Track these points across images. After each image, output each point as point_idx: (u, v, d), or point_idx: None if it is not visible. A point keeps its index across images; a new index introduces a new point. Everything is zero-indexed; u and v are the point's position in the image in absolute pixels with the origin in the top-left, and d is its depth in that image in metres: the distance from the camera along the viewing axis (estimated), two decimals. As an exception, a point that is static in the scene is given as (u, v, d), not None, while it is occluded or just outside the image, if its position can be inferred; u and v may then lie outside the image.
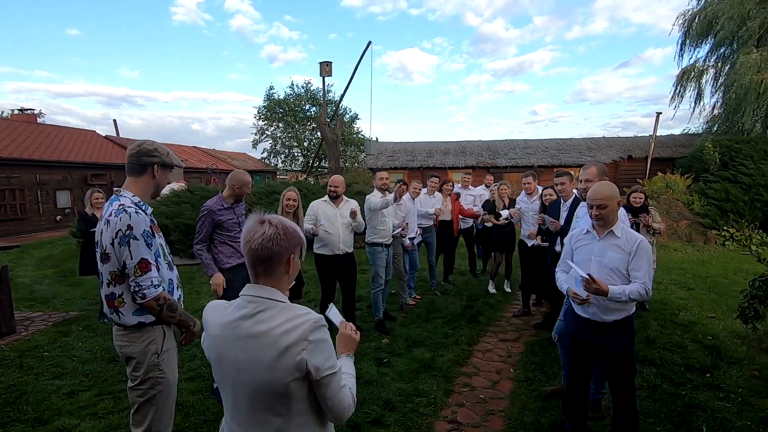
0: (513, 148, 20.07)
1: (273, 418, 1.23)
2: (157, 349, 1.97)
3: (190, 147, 27.23)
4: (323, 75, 13.11)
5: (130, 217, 1.85)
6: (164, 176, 2.09)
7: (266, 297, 1.25)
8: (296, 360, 1.18)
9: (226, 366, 1.25)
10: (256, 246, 1.24)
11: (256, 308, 1.24)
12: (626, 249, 2.36)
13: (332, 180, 4.43)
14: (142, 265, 1.86)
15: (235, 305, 1.28)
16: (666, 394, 3.22)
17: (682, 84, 15.81)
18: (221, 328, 1.26)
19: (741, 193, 10.93)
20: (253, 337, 1.21)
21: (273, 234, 1.25)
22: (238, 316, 1.24)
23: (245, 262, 1.28)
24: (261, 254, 1.24)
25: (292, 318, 1.22)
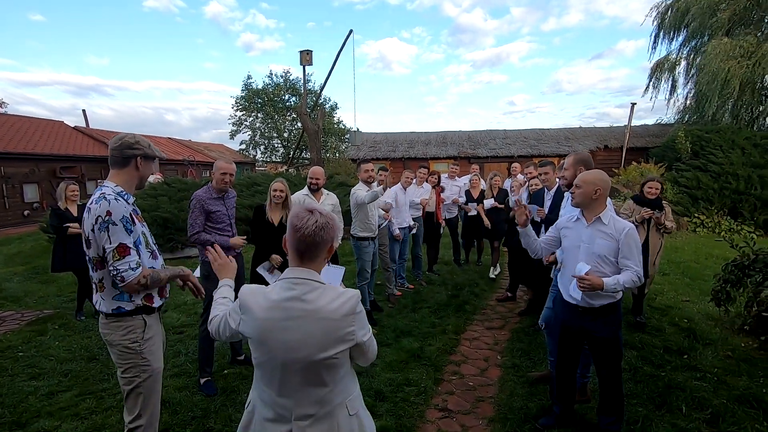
0: (493, 138, 20.24)
1: (320, 389, 1.38)
2: (137, 338, 2.01)
3: (164, 138, 26.42)
4: (303, 64, 12.88)
5: (109, 203, 1.89)
6: (147, 168, 2.12)
7: (311, 279, 1.38)
8: (347, 331, 1.36)
9: (274, 346, 1.34)
10: (309, 232, 1.35)
11: (305, 290, 1.36)
12: (614, 237, 2.40)
13: (312, 171, 4.35)
14: (120, 249, 1.89)
15: (279, 287, 1.38)
16: (647, 376, 3.33)
17: (656, 75, 16.24)
18: (268, 311, 1.35)
19: (711, 182, 11.34)
20: (305, 317, 1.34)
21: (324, 223, 1.38)
22: (286, 297, 1.35)
23: (292, 245, 1.39)
24: (313, 240, 1.36)
25: (336, 296, 1.37)
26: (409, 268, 6.32)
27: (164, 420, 2.89)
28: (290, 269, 1.40)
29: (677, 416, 2.83)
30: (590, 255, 2.46)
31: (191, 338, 4.18)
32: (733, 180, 11.16)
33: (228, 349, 3.78)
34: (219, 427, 2.80)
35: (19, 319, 4.93)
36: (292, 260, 1.41)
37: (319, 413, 1.39)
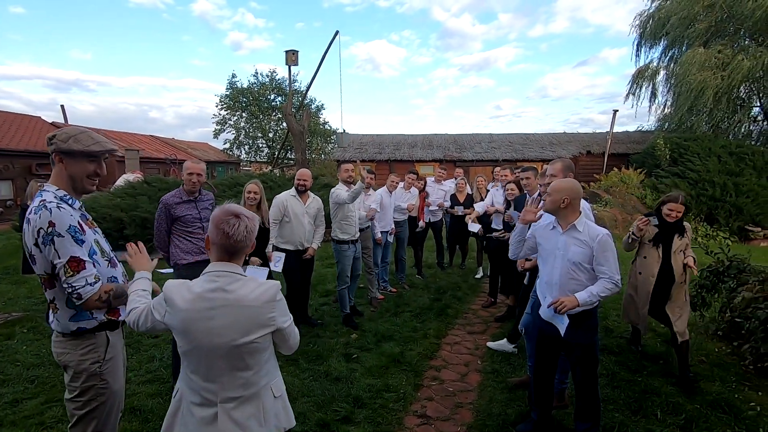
0: (479, 142, 20.40)
1: (244, 372, 1.49)
2: (98, 357, 1.79)
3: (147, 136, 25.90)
4: (289, 64, 12.77)
5: (50, 212, 1.64)
6: (74, 165, 1.77)
7: (233, 272, 1.50)
8: (267, 317, 1.49)
9: (198, 334, 1.44)
10: (241, 238, 1.48)
11: (227, 281, 1.47)
12: (588, 244, 2.42)
13: (300, 173, 4.30)
14: (72, 264, 1.65)
15: (202, 281, 1.48)
16: (624, 381, 3.36)
17: (637, 83, 16.61)
18: (191, 302, 1.44)
19: (689, 188, 11.63)
20: (228, 305, 1.44)
21: (252, 227, 1.52)
22: (209, 288, 1.46)
23: (219, 246, 1.49)
24: (242, 245, 1.50)
25: (257, 286, 1.50)
26: (392, 271, 6.29)
27: (135, 428, 2.80)
28: (213, 264, 1.51)
29: (652, 421, 2.86)
30: (565, 262, 2.47)
31: (166, 343, 4.07)
32: (710, 187, 11.46)
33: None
34: (192, 436, 2.71)
35: (-14, 322, 4.74)
36: (217, 258, 1.52)
37: (245, 395, 1.50)
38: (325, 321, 4.66)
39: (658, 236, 3.49)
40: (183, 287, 1.48)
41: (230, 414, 1.48)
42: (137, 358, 3.79)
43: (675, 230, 3.46)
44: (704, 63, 12.98)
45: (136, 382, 3.37)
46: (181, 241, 3.21)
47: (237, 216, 1.48)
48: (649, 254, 3.49)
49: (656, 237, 3.50)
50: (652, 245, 3.51)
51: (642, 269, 3.55)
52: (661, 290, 3.44)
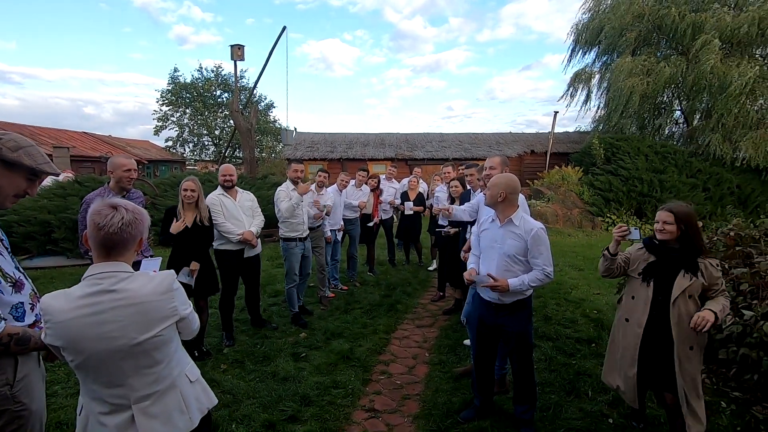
0: (430, 141, 20.80)
1: (154, 368, 1.43)
2: (7, 380, 1.57)
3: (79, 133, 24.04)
4: (234, 59, 12.37)
5: None
6: (8, 180, 1.56)
7: (119, 271, 1.39)
8: (169, 308, 1.43)
9: (89, 344, 1.33)
10: (115, 230, 1.35)
11: (113, 281, 1.36)
12: (523, 237, 2.53)
13: (224, 169, 4.10)
14: None
15: (82, 285, 1.37)
16: (560, 365, 3.58)
17: (574, 86, 17.66)
18: (74, 311, 1.32)
19: (621, 185, 12.53)
20: (119, 306, 1.35)
21: (131, 219, 1.38)
22: (92, 292, 1.34)
23: (96, 243, 1.36)
24: (120, 238, 1.37)
25: (149, 280, 1.42)
26: (344, 269, 6.28)
27: (60, 444, 2.61)
28: (94, 266, 1.39)
29: (584, 401, 3.07)
30: (501, 255, 2.58)
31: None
32: (639, 183, 12.42)
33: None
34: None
35: None
36: (97, 257, 1.39)
37: (160, 389, 1.45)
38: (274, 321, 4.57)
39: (652, 267, 2.44)
40: (60, 297, 1.35)
41: (148, 411, 1.42)
42: (64, 369, 3.52)
43: (678, 262, 2.35)
44: (632, 70, 14.04)
45: (64, 395, 3.13)
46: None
47: (114, 207, 1.37)
48: (638, 294, 2.47)
49: (648, 268, 2.46)
50: (641, 280, 2.47)
51: (629, 314, 2.51)
52: (655, 350, 2.40)
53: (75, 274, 6.78)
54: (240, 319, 4.58)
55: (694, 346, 2.33)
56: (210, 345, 3.92)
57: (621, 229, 2.46)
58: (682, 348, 2.31)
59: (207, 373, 3.44)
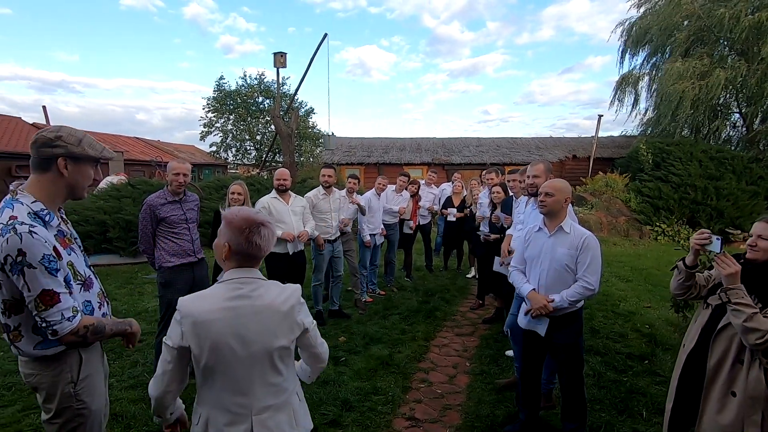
0: (467, 145, 20.54)
1: (276, 378, 1.47)
2: (72, 378, 1.61)
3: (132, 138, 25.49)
4: (277, 66, 12.72)
5: (20, 239, 1.41)
6: (79, 172, 1.61)
7: (257, 278, 1.47)
8: (295, 320, 1.48)
9: (228, 345, 1.37)
10: (269, 247, 1.48)
11: (252, 287, 1.44)
12: (574, 244, 2.43)
13: (278, 173, 4.26)
14: (45, 298, 1.46)
15: (225, 289, 1.42)
16: (610, 381, 3.40)
17: (621, 89, 16.92)
18: (217, 312, 1.37)
19: (671, 192, 11.85)
20: (257, 312, 1.41)
21: (274, 232, 1.51)
22: (235, 296, 1.41)
23: (244, 254, 1.43)
24: (267, 252, 1.48)
25: (281, 290, 1.49)
26: (381, 274, 6.28)
27: (116, 435, 2.73)
28: (234, 270, 1.46)
29: (638, 421, 2.89)
30: (552, 263, 2.48)
31: (150, 347, 3.98)
32: (692, 191, 11.70)
33: (189, 358, 3.62)
34: (175, 442, 2.66)
35: (-39, 328, 4.59)
36: (236, 264, 1.46)
37: (277, 403, 1.47)
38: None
39: (717, 288, 1.91)
40: (201, 300, 1.41)
41: (266, 423, 1.44)
42: (119, 364, 3.71)
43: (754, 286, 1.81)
44: (681, 74, 13.30)
45: (119, 388, 3.29)
46: (166, 243, 3.16)
47: (264, 225, 1.44)
48: (698, 316, 2.06)
49: (714, 288, 1.97)
50: (703, 301, 2.03)
51: (686, 339, 2.09)
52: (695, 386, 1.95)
53: (127, 271, 7.16)
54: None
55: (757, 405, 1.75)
56: (253, 345, 4.02)
57: (702, 236, 1.90)
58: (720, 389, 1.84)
59: (250, 373, 3.52)
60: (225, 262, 1.47)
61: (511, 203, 4.18)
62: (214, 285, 1.47)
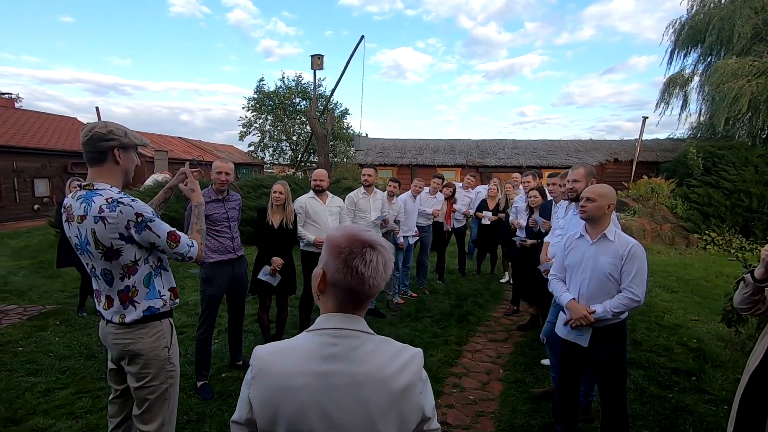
0: (502, 148, 20.17)
1: None
2: (167, 343, 1.91)
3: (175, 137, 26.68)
4: (314, 68, 12.95)
5: (132, 206, 1.73)
6: (129, 159, 1.86)
7: (360, 330, 0.99)
8: (413, 406, 0.97)
9: (312, 424, 0.93)
10: (379, 282, 0.98)
11: (352, 344, 0.97)
12: (619, 253, 2.33)
13: (316, 174, 4.33)
14: (172, 237, 1.84)
15: (314, 342, 0.97)
16: (653, 397, 3.24)
17: (669, 91, 16.13)
18: (301, 377, 0.94)
19: (723, 198, 11.16)
20: (357, 383, 0.94)
21: (389, 259, 1.01)
22: (326, 356, 0.95)
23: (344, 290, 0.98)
24: (377, 290, 1.00)
25: (395, 353, 0.98)
26: (413, 276, 6.26)
27: (159, 422, 2.86)
28: (329, 316, 1.00)
29: (684, 441, 2.74)
30: (595, 273, 2.39)
31: (190, 339, 4.15)
32: (746, 198, 10.97)
33: (227, 352, 3.74)
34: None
35: (21, 314, 4.95)
36: (335, 305, 1.00)
37: None
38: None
39: None
40: (283, 355, 0.98)
41: None
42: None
43: None
44: (737, 72, 12.51)
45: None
46: (208, 240, 3.27)
47: (372, 247, 0.98)
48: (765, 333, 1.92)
49: None
50: None
51: (751, 358, 1.93)
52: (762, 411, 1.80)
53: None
54: (313, 318, 4.73)
55: None
56: (287, 342, 4.09)
57: None
58: None
59: (284, 369, 3.60)
60: (320, 299, 1.04)
61: (550, 208, 4.06)
62: (302, 334, 1.02)
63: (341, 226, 1.06)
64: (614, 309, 2.29)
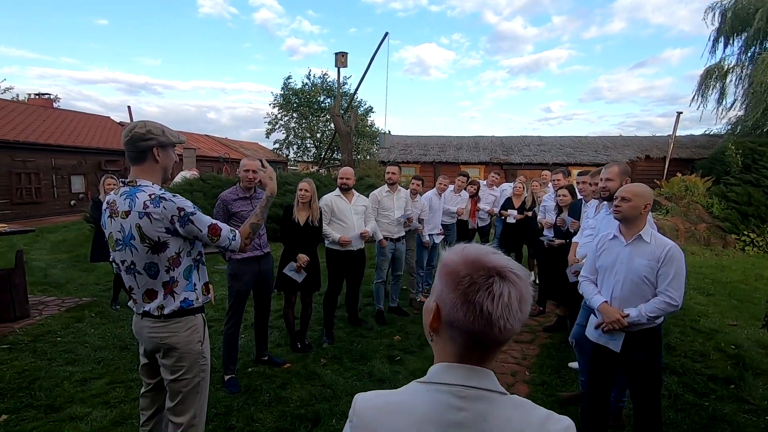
0: (527, 144, 19.79)
1: None
2: (200, 337, 1.97)
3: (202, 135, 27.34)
4: (338, 66, 13.00)
5: (174, 202, 1.81)
6: (167, 157, 1.93)
7: (489, 389, 0.76)
8: None
9: None
10: (512, 323, 0.73)
11: (481, 411, 0.74)
12: (655, 255, 2.23)
13: (343, 172, 4.34)
14: (213, 230, 1.90)
15: (433, 405, 0.75)
16: (689, 405, 3.11)
17: (706, 83, 15.41)
18: None
19: (764, 197, 10.64)
20: None
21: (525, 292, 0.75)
22: (450, 422, 0.73)
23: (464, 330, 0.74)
24: (510, 334, 0.74)
25: (540, 424, 0.75)
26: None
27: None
28: (448, 367, 0.77)
29: (723, 452, 2.62)
30: (628, 275, 2.30)
31: (218, 333, 4.23)
32: (789, 197, 10.42)
33: (253, 347, 3.81)
34: (241, 426, 2.81)
35: (60, 305, 5.17)
36: (453, 352, 0.77)
37: None
38: (368, 322, 4.68)
39: None
40: (393, 414, 0.76)
41: None
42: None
43: None
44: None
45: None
46: (235, 237, 3.33)
47: (502, 275, 0.73)
48: None
49: None
50: None
51: None
52: None
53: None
54: (336, 315, 4.76)
55: None
56: (311, 338, 4.13)
57: None
58: None
59: (308, 366, 3.64)
60: (434, 341, 0.82)
61: (580, 207, 3.95)
62: (412, 385, 0.80)
63: (459, 247, 0.81)
64: (650, 313, 2.20)
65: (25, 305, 4.73)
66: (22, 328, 4.38)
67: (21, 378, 3.36)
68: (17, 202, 13.79)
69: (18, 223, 11.98)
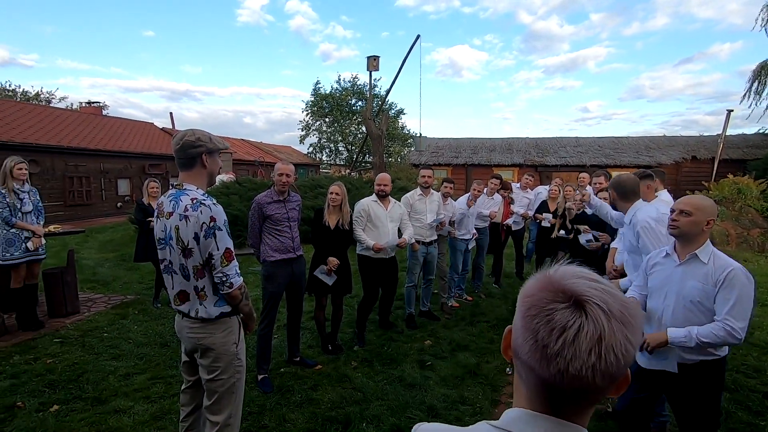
0: (563, 146, 19.18)
1: None
2: (235, 339, 2.01)
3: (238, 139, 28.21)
4: (370, 69, 13.10)
5: (210, 209, 1.86)
6: (214, 163, 2.02)
7: None
8: None
9: None
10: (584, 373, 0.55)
11: None
12: (712, 278, 1.95)
13: (380, 178, 4.30)
14: (227, 254, 1.90)
15: None
16: (742, 424, 2.90)
17: (760, 79, 14.46)
18: None
19: (826, 201, 9.85)
20: None
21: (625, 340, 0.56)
22: None
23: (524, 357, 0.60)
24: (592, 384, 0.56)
25: None
26: (469, 279, 6.12)
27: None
28: (533, 417, 0.62)
29: (781, 476, 2.43)
30: (679, 299, 2.06)
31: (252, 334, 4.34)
32: None
33: (285, 348, 3.87)
34: (273, 425, 2.86)
35: (106, 302, 5.45)
36: (523, 393, 0.65)
37: None
38: (399, 325, 4.66)
39: None
40: None
41: None
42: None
43: None
44: None
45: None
46: (270, 239, 3.41)
47: (579, 304, 0.57)
48: None
49: None
50: None
51: None
52: None
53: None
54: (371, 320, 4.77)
55: None
56: (342, 340, 4.16)
57: None
58: None
59: (339, 368, 3.66)
60: (511, 373, 0.70)
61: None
62: (482, 426, 0.66)
63: (558, 265, 0.65)
64: (702, 338, 1.91)
65: (75, 302, 5.02)
66: (72, 324, 4.65)
67: (71, 371, 3.56)
68: (70, 204, 14.69)
69: (70, 223, 12.76)
